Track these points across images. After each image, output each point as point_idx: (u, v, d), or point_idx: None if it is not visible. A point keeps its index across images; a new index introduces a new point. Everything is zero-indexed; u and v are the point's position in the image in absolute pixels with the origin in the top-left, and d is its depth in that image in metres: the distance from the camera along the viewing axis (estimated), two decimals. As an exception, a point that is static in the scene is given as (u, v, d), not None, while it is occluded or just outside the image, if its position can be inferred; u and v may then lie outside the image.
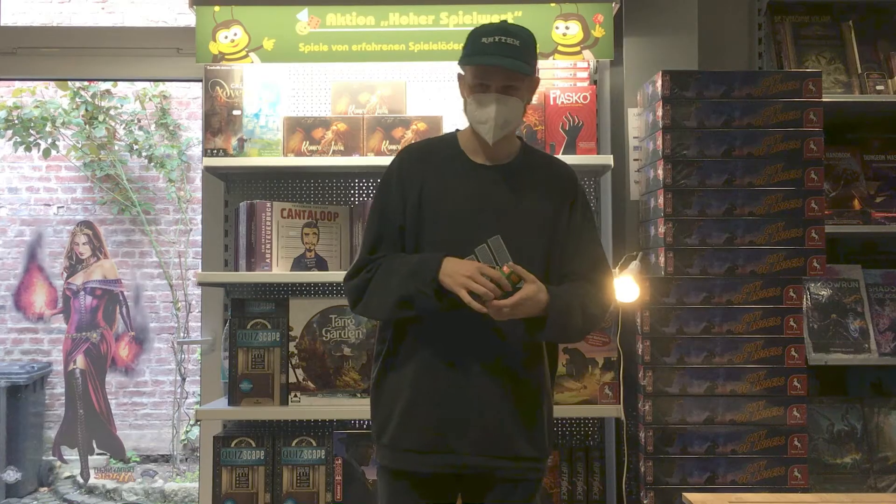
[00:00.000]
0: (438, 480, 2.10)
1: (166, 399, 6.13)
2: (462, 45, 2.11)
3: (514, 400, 2.08)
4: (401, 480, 2.11)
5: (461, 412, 2.05)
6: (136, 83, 5.93)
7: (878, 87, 3.02)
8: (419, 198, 2.11)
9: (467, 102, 2.12)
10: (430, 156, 2.18)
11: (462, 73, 2.15)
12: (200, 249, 3.26)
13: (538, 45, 2.44)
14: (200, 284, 3.01)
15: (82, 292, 6.01)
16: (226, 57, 2.87)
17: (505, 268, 1.97)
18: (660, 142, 2.65)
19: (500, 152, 2.15)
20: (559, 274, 2.11)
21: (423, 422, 2.06)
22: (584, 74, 3.04)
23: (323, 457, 2.79)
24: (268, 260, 2.80)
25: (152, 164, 5.97)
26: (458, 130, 2.23)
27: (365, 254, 2.15)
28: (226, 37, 2.87)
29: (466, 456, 2.05)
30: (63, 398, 5.99)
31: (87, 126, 5.86)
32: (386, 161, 2.32)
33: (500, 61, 2.03)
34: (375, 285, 2.08)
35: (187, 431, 5.93)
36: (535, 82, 2.16)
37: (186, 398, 5.92)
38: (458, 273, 1.97)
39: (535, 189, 2.15)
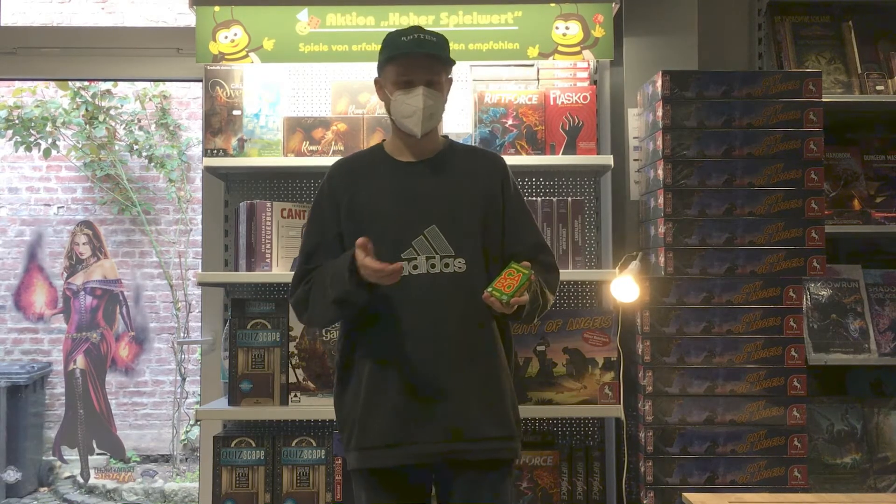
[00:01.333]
0: (410, 474, 2.12)
1: (166, 399, 6.13)
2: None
3: (474, 383, 2.11)
4: (374, 480, 2.13)
5: (421, 402, 2.08)
6: (136, 83, 5.93)
7: (878, 87, 3.02)
8: (350, 204, 2.19)
9: (391, 102, 2.18)
10: (357, 164, 2.28)
11: (379, 78, 2.24)
12: (200, 249, 3.26)
13: (538, 46, 2.41)
14: (200, 284, 3.01)
15: (82, 292, 6.01)
16: (226, 57, 2.87)
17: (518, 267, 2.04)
18: (660, 142, 2.65)
19: (425, 148, 2.23)
20: (504, 257, 2.18)
21: (385, 417, 2.09)
22: (584, 74, 3.04)
23: (323, 457, 2.79)
24: (268, 260, 2.80)
25: (152, 164, 5.97)
26: (382, 141, 2.32)
27: (301, 265, 2.24)
28: (226, 37, 2.87)
29: (432, 444, 2.08)
30: (63, 398, 5.99)
31: (88, 126, 5.86)
32: (386, 161, 2.33)
33: (427, 49, 2.13)
34: (314, 297, 2.16)
35: (187, 431, 5.93)
36: (450, 82, 2.26)
37: (186, 398, 5.92)
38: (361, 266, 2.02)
39: (463, 176, 2.22)
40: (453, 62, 2.21)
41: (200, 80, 2.95)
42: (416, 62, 2.14)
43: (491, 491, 2.13)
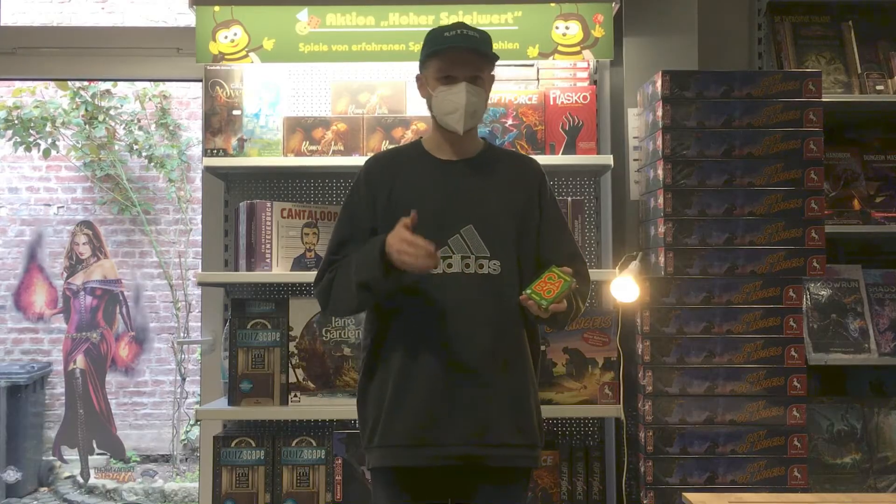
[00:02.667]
0: (431, 475, 2.11)
1: (166, 399, 6.13)
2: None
3: (501, 387, 2.10)
4: (394, 479, 2.12)
5: (448, 404, 2.07)
6: (136, 83, 5.93)
7: (878, 87, 3.02)
8: (389, 198, 2.16)
9: (433, 98, 2.16)
10: (397, 159, 2.25)
11: (420, 74, 2.21)
12: (200, 249, 3.26)
13: (538, 46, 2.39)
14: (200, 284, 3.01)
15: (82, 292, 6.01)
16: (226, 57, 2.87)
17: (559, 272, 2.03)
18: (660, 142, 2.65)
19: (465, 148, 2.21)
20: (537, 263, 2.16)
21: (411, 416, 2.08)
22: (584, 74, 3.04)
23: (323, 457, 2.79)
24: (268, 260, 2.80)
25: (152, 164, 5.97)
26: (420, 138, 2.30)
27: (329, 255, 2.20)
28: (226, 37, 2.87)
29: (455, 447, 2.07)
30: (63, 398, 5.99)
31: (87, 126, 5.86)
32: (386, 161, 2.32)
33: (471, 44, 2.10)
34: (338, 283, 2.12)
35: (187, 431, 5.93)
36: (492, 78, 2.23)
37: (186, 398, 5.92)
38: (391, 246, 1.98)
39: (502, 179, 2.20)
40: (496, 58, 2.17)
41: (200, 80, 2.95)
42: (459, 57, 2.11)
43: (511, 502, 2.14)
